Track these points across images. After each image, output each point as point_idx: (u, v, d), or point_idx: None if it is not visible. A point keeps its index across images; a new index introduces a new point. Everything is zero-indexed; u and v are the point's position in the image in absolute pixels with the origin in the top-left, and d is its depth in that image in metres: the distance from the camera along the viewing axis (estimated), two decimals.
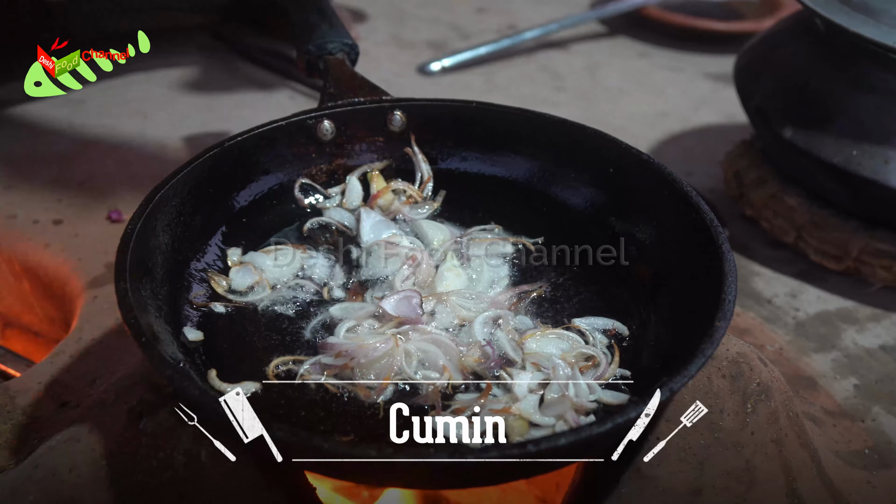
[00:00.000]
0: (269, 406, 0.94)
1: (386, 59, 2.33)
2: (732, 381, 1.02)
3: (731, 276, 0.94)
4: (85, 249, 1.49)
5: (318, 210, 1.27)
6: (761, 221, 1.62)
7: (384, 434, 0.88)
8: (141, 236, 0.98)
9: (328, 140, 1.27)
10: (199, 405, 0.86)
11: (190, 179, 1.11)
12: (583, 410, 0.91)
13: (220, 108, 2.02)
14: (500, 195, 1.29)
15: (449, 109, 1.30)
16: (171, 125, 1.93)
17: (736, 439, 0.98)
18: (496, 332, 1.03)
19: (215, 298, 1.09)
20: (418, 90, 2.11)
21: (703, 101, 2.20)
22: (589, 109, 2.12)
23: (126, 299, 0.88)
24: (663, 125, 2.05)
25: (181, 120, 1.96)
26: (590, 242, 1.19)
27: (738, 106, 1.65)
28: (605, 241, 1.18)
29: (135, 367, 1.04)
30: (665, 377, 0.83)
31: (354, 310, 1.07)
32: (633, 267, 1.14)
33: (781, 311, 1.47)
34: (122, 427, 0.94)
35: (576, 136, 1.23)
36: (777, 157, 1.60)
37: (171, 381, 0.83)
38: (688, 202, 1.07)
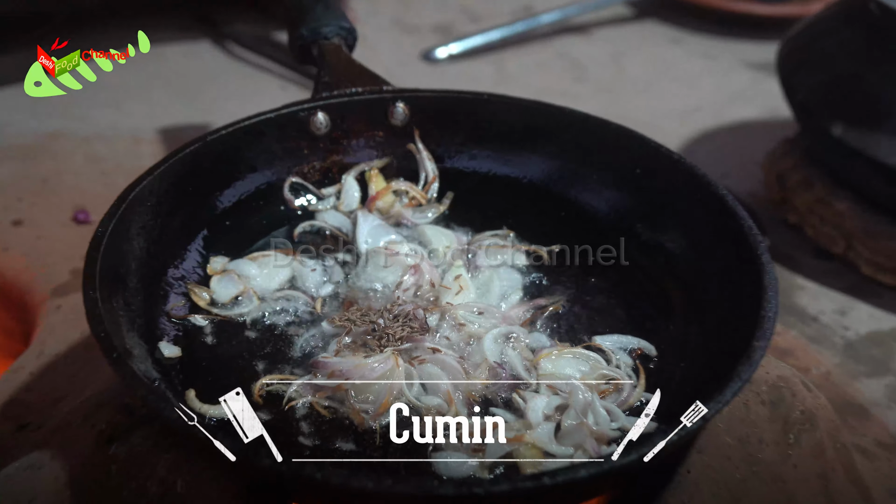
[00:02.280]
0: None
1: (387, 45, 2.34)
2: (773, 407, 1.02)
3: (771, 290, 0.94)
4: (48, 254, 1.49)
5: (311, 213, 1.28)
6: (806, 229, 1.62)
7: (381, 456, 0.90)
8: (113, 240, 0.99)
9: (322, 134, 1.28)
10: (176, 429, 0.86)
11: (168, 177, 1.11)
12: (604, 439, 0.91)
13: (203, 98, 2.03)
14: (514, 198, 1.30)
15: (457, 102, 1.31)
16: (147, 116, 1.95)
17: (776, 473, 0.98)
18: (508, 351, 1.04)
19: (195, 311, 1.10)
20: (423, 80, 2.12)
21: (742, 93, 2.20)
22: (613, 103, 2.13)
23: (95, 310, 0.89)
24: (696, 121, 2.06)
25: (158, 111, 1.97)
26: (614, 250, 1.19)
27: (781, 99, 1.65)
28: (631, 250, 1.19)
29: (104, 385, 1.05)
30: (697, 403, 0.83)
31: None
32: (662, 280, 1.15)
33: (829, 329, 1.47)
34: (90, 452, 0.95)
35: (598, 133, 1.23)
36: (825, 157, 1.60)
37: (145, 402, 0.83)
38: (723, 207, 1.07)
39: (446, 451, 0.90)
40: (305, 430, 0.95)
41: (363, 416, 0.96)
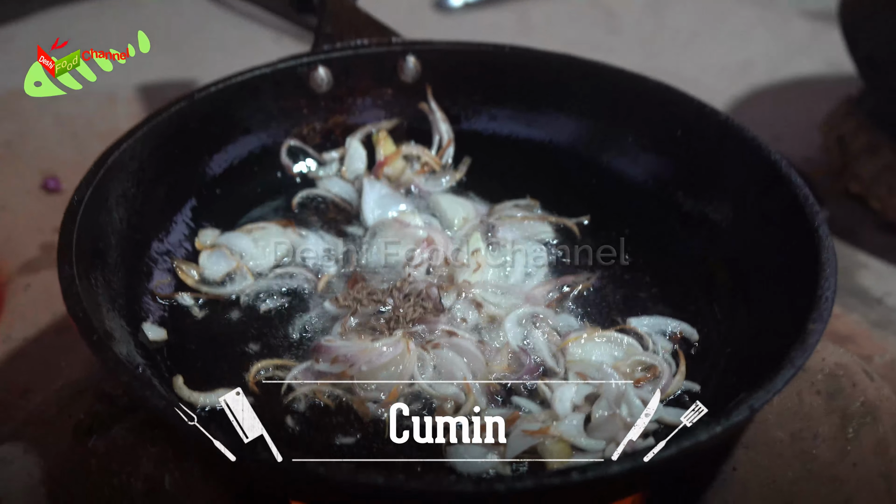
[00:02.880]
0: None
1: None
2: (829, 399, 1.03)
3: (829, 268, 0.95)
4: (14, 226, 1.51)
5: (311, 180, 1.30)
6: (870, 200, 1.62)
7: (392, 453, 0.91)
8: (90, 210, 1.00)
9: (324, 92, 1.29)
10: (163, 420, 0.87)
11: (151, 139, 1.13)
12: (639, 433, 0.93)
13: (188, 51, 2.04)
14: (538, 164, 1.31)
15: (475, 55, 1.31)
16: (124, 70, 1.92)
17: (833, 473, 0.99)
18: (532, 335, 1.05)
19: (183, 289, 1.11)
20: (436, 31, 2.11)
21: (799, 46, 2.19)
22: (651, 58, 2.13)
23: (72, 288, 0.90)
24: (747, 77, 2.06)
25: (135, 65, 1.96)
26: (651, 223, 1.21)
27: (843, 53, 1.65)
28: (671, 222, 1.19)
29: (81, 372, 1.07)
30: (743, 392, 0.84)
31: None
32: (706, 255, 1.16)
33: (895, 313, 1.48)
34: (67, 446, 0.96)
35: (634, 91, 1.24)
36: (893, 118, 1.60)
37: (129, 390, 0.85)
38: (776, 174, 1.08)
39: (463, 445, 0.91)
40: (306, 421, 0.96)
41: (369, 406, 0.97)
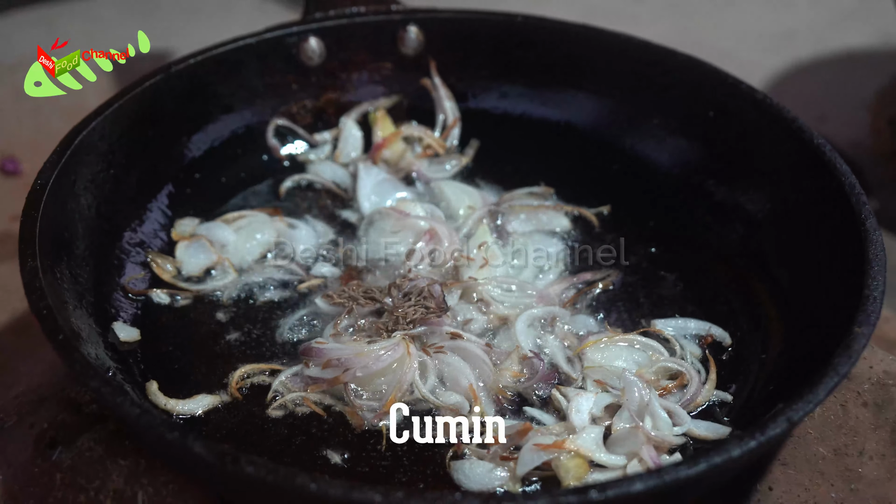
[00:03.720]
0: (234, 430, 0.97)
1: None
2: (877, 411, 1.03)
3: (877, 265, 0.95)
4: None
5: (300, 164, 1.31)
6: None
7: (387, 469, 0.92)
8: (55, 195, 1.00)
9: (315, 66, 1.30)
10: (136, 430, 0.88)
11: (123, 118, 1.13)
12: (664, 447, 0.93)
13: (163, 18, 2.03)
14: (554, 147, 1.32)
15: (484, 25, 1.31)
16: (88, 37, 1.93)
17: (881, 493, 0.99)
18: (546, 338, 1.06)
19: (158, 285, 1.12)
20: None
21: (848, 13, 2.19)
22: (680, 27, 2.13)
23: (35, 282, 0.90)
24: (788, 50, 2.06)
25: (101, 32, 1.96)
26: (679, 214, 1.21)
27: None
28: (701, 213, 1.20)
29: (43, 377, 1.07)
30: (781, 403, 0.84)
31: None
32: (739, 250, 1.16)
33: None
34: (28, 459, 0.97)
35: (662, 66, 1.24)
36: None
37: (97, 397, 0.85)
38: (818, 160, 1.07)
39: (469, 459, 0.92)
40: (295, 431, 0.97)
41: (363, 415, 0.97)
